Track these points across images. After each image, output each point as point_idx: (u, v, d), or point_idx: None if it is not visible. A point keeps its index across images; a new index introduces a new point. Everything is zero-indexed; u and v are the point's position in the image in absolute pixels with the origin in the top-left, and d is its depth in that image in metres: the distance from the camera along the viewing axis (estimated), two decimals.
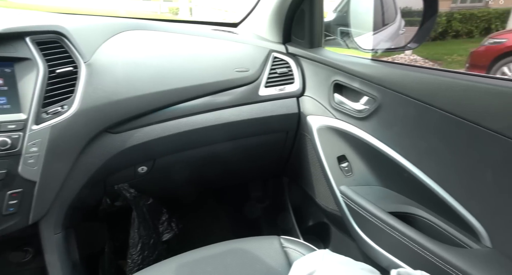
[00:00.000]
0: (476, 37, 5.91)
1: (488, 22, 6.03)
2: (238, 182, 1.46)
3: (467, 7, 6.41)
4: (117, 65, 0.86)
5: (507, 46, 3.17)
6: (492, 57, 3.21)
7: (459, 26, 5.98)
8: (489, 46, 3.36)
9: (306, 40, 1.12)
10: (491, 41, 3.39)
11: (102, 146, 0.83)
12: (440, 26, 6.04)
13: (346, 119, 0.96)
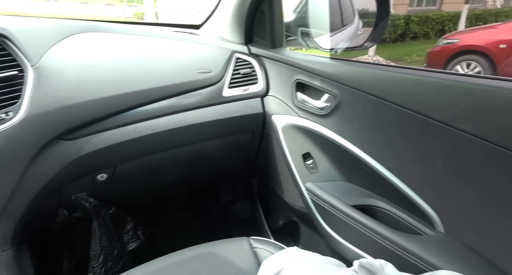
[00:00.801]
0: (432, 38, 6.30)
1: (442, 24, 6.45)
2: (206, 184, 1.44)
3: (423, 10, 6.81)
4: (69, 68, 0.82)
5: (459, 46, 3.40)
6: (446, 57, 3.42)
7: (416, 28, 6.34)
8: (443, 46, 3.58)
9: (267, 40, 1.12)
10: (445, 42, 3.61)
11: (55, 154, 0.78)
12: (399, 28, 6.37)
13: (309, 117, 0.97)
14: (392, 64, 4.89)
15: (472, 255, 0.60)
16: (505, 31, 3.02)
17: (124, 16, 13.19)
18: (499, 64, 2.93)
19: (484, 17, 6.18)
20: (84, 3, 17.68)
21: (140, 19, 12.83)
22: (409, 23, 6.38)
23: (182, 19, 10.28)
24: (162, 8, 11.59)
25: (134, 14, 13.57)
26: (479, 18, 6.12)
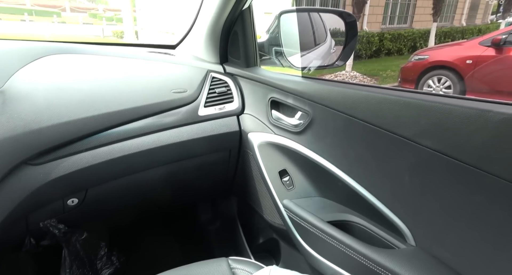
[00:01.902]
0: (405, 54, 6.61)
1: (413, 41, 6.79)
2: (185, 204, 1.41)
3: (395, 28, 7.18)
4: (38, 90, 0.80)
5: (429, 61, 3.57)
6: (418, 72, 3.59)
7: (390, 45, 6.65)
8: (415, 62, 3.76)
9: (242, 60, 1.14)
10: (416, 58, 3.79)
11: (21, 180, 0.75)
12: (374, 45, 6.66)
13: (284, 134, 0.98)
14: (373, 82, 5.05)
15: (441, 267, 0.61)
16: (470, 48, 3.21)
17: (103, 35, 13.14)
18: (466, 78, 3.09)
19: (451, 34, 6.56)
20: (62, 22, 17.53)
21: (119, 37, 12.82)
22: (383, 40, 6.68)
23: (162, 37, 10.35)
24: (142, 26, 11.65)
25: (114, 33, 13.54)
26: (447, 35, 6.50)
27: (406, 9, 7.22)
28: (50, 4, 22.79)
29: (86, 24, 17.13)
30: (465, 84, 3.15)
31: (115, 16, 20.09)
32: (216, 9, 1.04)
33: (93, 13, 23.48)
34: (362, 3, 5.56)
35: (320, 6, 7.54)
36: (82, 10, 24.16)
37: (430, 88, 3.41)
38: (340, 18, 1.06)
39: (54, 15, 18.01)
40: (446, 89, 3.28)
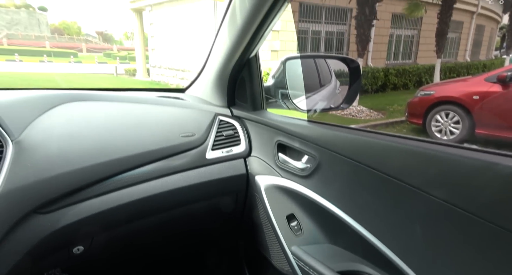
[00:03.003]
0: (411, 89, 6.70)
1: (418, 76, 6.91)
2: (191, 249, 1.37)
3: (400, 64, 7.36)
4: (51, 139, 0.82)
5: (436, 97, 3.61)
6: (425, 107, 3.61)
7: (395, 80, 6.77)
8: (421, 97, 3.80)
9: (249, 103, 1.17)
10: (422, 93, 3.84)
11: (29, 230, 0.74)
12: (379, 80, 6.79)
13: (291, 177, 0.98)
14: (380, 116, 5.07)
15: None
16: (477, 84, 3.25)
17: (116, 74, 13.76)
18: (475, 113, 3.10)
19: (456, 69, 6.68)
20: (78, 62, 18.53)
21: (132, 75, 13.39)
22: (388, 75, 6.82)
23: (171, 74, 10.77)
24: (154, 64, 12.19)
25: (126, 70, 14.18)
26: (452, 70, 6.61)
27: (409, 46, 7.45)
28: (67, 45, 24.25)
29: (101, 63, 18.02)
30: (473, 119, 3.14)
31: (128, 55, 21.16)
32: (224, 57, 1.08)
33: (108, 52, 24.82)
34: (366, 41, 5.76)
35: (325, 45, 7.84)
36: (97, 50, 25.59)
37: (439, 122, 3.41)
38: (343, 64, 1.10)
39: (71, 56, 19.10)
40: (454, 123, 3.28)
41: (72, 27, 37.83)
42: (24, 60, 16.19)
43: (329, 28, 7.61)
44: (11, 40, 22.02)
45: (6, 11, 24.24)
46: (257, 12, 0.87)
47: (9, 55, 16.38)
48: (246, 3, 0.87)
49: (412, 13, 5.58)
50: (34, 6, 26.27)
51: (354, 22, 5.93)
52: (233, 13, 0.95)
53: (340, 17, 7.56)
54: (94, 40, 32.23)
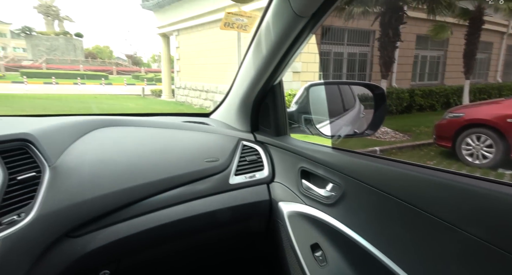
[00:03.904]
0: (438, 110, 6.48)
1: (446, 97, 6.70)
2: None
3: (426, 85, 7.19)
4: (84, 164, 0.85)
5: (465, 119, 3.46)
6: (454, 129, 3.46)
7: (421, 101, 6.59)
8: (450, 119, 3.65)
9: (272, 128, 1.18)
10: (451, 115, 3.69)
11: (60, 254, 0.76)
12: (404, 101, 6.64)
13: (315, 205, 0.95)
14: (394, 137, 4.91)
15: None
16: (511, 106, 3.09)
17: (143, 94, 14.36)
18: (510, 137, 2.92)
19: (487, 90, 6.41)
20: (108, 83, 19.57)
21: (157, 96, 13.91)
22: (414, 96, 6.66)
23: (196, 94, 11.07)
24: (178, 85, 12.61)
25: (152, 91, 14.78)
26: (482, 91, 6.35)
27: (435, 66, 7.29)
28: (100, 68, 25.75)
29: (130, 85, 18.89)
30: (509, 143, 2.97)
31: (155, 77, 22.10)
32: (249, 84, 1.11)
33: (136, 74, 26.05)
34: (390, 62, 5.71)
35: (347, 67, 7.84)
36: (127, 72, 26.94)
37: (470, 146, 3.25)
38: (368, 90, 1.09)
39: (102, 78, 20.23)
40: (487, 147, 3.10)
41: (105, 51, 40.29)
42: (60, 83, 17.29)
43: (352, 49, 7.63)
44: (50, 64, 23.69)
45: (46, 38, 26.28)
46: (282, 43, 0.89)
47: (47, 78, 17.58)
48: (271, 35, 0.89)
49: (438, 35, 5.49)
50: (71, 33, 28.32)
51: (377, 44, 5.92)
52: (258, 43, 0.98)
53: (363, 39, 7.58)
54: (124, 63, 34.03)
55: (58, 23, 28.91)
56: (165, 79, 13.62)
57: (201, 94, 10.97)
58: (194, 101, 11.39)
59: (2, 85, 14.85)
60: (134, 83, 20.66)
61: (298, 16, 0.80)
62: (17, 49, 31.80)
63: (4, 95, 10.67)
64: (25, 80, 16.20)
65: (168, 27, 12.16)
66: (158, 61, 38.17)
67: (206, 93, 10.65)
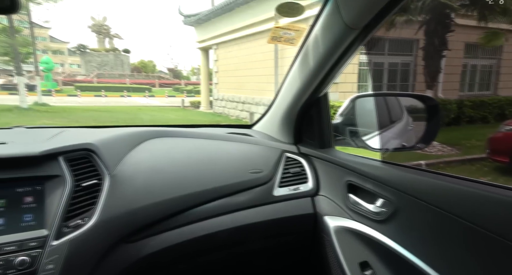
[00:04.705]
0: (491, 122, 5.99)
1: (501, 109, 6.18)
2: None
3: (476, 95, 6.71)
4: (138, 174, 0.90)
5: None
6: None
7: (471, 112, 6.15)
8: (507, 132, 3.36)
9: (316, 141, 1.16)
10: (508, 128, 3.40)
11: (116, 258, 0.80)
12: (452, 112, 6.25)
13: (364, 221, 0.92)
14: (454, 152, 4.60)
15: None
16: None
17: (183, 106, 14.97)
18: None
19: None
20: (151, 96, 20.70)
21: (196, 107, 14.43)
22: (462, 107, 6.25)
23: (233, 106, 11.30)
24: (216, 97, 12.97)
25: (191, 102, 15.36)
26: None
27: (487, 76, 6.80)
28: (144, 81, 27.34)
29: (170, 97, 19.81)
30: None
31: (194, 89, 23.00)
32: (294, 96, 1.11)
33: (177, 87, 27.28)
34: (436, 72, 5.42)
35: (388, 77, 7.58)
36: (168, 85, 28.31)
37: None
38: (419, 101, 1.04)
39: (146, 91, 21.47)
40: None
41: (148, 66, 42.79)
42: (109, 95, 18.63)
43: (393, 59, 7.39)
44: (100, 79, 25.69)
45: (98, 55, 28.62)
46: (331, 55, 0.89)
47: (97, 91, 19.07)
48: (320, 47, 0.89)
49: (490, 42, 5.13)
50: (120, 49, 30.53)
51: (422, 53, 5.67)
52: (305, 55, 0.98)
53: (405, 49, 7.31)
54: (166, 76, 35.83)
55: (109, 40, 31.34)
56: (204, 91, 14.09)
57: (237, 105, 11.19)
58: (231, 112, 11.62)
59: (60, 98, 16.28)
60: (175, 95, 21.62)
61: (349, 28, 0.79)
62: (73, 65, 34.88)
63: (61, 107, 11.69)
64: (78, 93, 17.67)
65: (208, 42, 12.64)
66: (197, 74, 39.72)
67: (242, 104, 10.83)
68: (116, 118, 9.60)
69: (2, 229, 0.69)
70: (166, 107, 15.31)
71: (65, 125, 1.13)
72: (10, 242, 0.67)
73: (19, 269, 0.66)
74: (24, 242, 0.68)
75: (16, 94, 11.93)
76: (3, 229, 0.69)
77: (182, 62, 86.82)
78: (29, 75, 14.21)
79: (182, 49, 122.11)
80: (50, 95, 15.58)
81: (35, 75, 13.27)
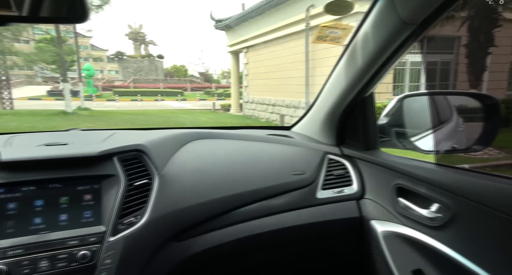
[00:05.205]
0: None
1: None
2: None
3: None
4: (184, 174, 0.92)
5: None
6: None
7: None
8: None
9: (360, 142, 1.13)
10: None
11: (166, 256, 0.83)
12: None
13: (416, 226, 0.87)
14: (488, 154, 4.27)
15: None
16: None
17: (213, 109, 15.28)
18: None
19: None
20: (183, 99, 21.32)
21: (226, 110, 14.65)
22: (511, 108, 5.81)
23: (263, 108, 11.33)
24: (246, 100, 13.06)
25: (222, 105, 15.62)
26: None
27: None
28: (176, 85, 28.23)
29: (202, 100, 20.27)
30: None
31: (224, 92, 23.39)
32: (338, 96, 1.08)
33: (207, 90, 27.87)
34: (481, 70, 5.09)
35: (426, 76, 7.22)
36: (199, 88, 29.00)
37: None
38: (475, 100, 0.98)
39: (178, 95, 22.15)
40: None
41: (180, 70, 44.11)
42: (144, 99, 19.46)
43: (431, 58, 7.04)
44: (136, 84, 26.88)
45: (134, 61, 30.00)
46: (382, 52, 0.85)
47: (133, 96, 19.99)
48: (370, 44, 0.87)
49: None
50: (154, 55, 31.76)
51: (465, 51, 5.34)
52: (352, 54, 0.96)
53: (445, 46, 6.93)
54: (197, 80, 36.74)
55: (144, 47, 32.72)
56: (234, 94, 14.26)
57: (267, 107, 11.19)
58: (261, 115, 11.65)
59: (100, 102, 17.24)
60: (206, 98, 22.09)
61: (405, 24, 0.76)
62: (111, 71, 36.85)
63: (101, 111, 12.37)
64: (116, 98, 18.59)
65: (238, 45, 12.79)
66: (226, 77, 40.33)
67: (272, 106, 10.82)
68: (151, 121, 9.97)
69: (66, 224, 0.73)
70: (197, 110, 15.68)
71: (106, 127, 1.18)
72: (73, 237, 0.71)
73: (81, 262, 0.70)
74: (85, 237, 0.72)
75: (61, 100, 12.80)
76: (66, 225, 0.73)
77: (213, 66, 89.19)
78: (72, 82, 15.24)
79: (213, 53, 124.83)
80: (91, 100, 16.53)
81: (79, 81, 14.16)
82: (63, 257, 0.69)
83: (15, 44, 12.57)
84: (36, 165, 0.75)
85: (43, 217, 0.73)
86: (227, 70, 40.28)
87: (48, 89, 22.24)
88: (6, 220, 0.70)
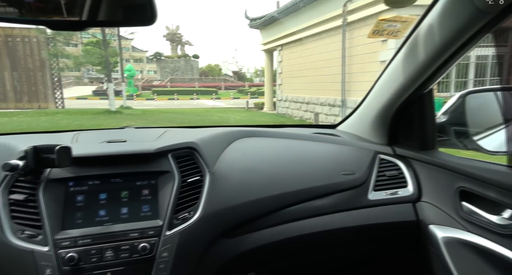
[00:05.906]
0: None
1: None
2: None
3: None
4: (233, 172, 0.93)
5: None
6: None
7: None
8: None
9: (416, 141, 1.06)
10: None
11: (218, 252, 0.84)
12: None
13: (485, 234, 0.80)
14: None
15: None
16: None
17: (247, 107, 15.41)
18: None
19: None
20: (217, 98, 21.72)
21: (260, 108, 14.69)
22: None
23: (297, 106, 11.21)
24: (280, 98, 13.00)
25: (255, 104, 15.68)
26: None
27: None
28: (211, 84, 28.83)
29: (235, 98, 20.51)
30: None
31: (257, 91, 23.47)
32: (394, 93, 1.02)
33: (241, 89, 28.12)
34: None
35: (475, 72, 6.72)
36: (233, 87, 29.37)
37: None
38: None
39: (213, 93, 22.60)
40: None
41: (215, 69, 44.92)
42: (180, 98, 20.10)
43: (481, 52, 6.53)
44: (172, 83, 27.81)
45: (171, 61, 31.07)
46: (450, 44, 0.79)
47: (170, 95, 20.73)
48: (436, 35, 0.80)
49: None
50: (190, 55, 32.63)
51: None
52: (413, 47, 0.90)
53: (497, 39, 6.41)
54: (231, 79, 37.22)
55: (180, 47, 33.73)
56: (267, 92, 14.25)
57: (301, 106, 11.05)
58: (295, 113, 11.53)
59: (140, 101, 18.07)
60: (239, 97, 22.32)
61: (481, 12, 0.69)
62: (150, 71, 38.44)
63: (142, 110, 12.95)
64: (155, 97, 19.36)
65: (273, 43, 12.75)
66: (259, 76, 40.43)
67: (306, 105, 10.67)
68: (188, 119, 10.25)
69: (126, 217, 0.77)
70: (231, 108, 15.88)
71: (146, 125, 1.22)
72: (134, 229, 0.74)
73: (142, 254, 0.73)
74: (144, 230, 0.75)
75: (105, 99, 13.57)
76: (127, 217, 0.77)
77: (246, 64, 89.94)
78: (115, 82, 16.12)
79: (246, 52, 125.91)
80: (132, 99, 17.37)
81: (121, 81, 14.93)
82: (125, 248, 0.72)
83: (66, 48, 13.53)
84: (100, 160, 0.79)
85: (107, 209, 0.76)
86: (260, 68, 40.42)
87: (93, 89, 23.69)
88: (76, 211, 0.74)
